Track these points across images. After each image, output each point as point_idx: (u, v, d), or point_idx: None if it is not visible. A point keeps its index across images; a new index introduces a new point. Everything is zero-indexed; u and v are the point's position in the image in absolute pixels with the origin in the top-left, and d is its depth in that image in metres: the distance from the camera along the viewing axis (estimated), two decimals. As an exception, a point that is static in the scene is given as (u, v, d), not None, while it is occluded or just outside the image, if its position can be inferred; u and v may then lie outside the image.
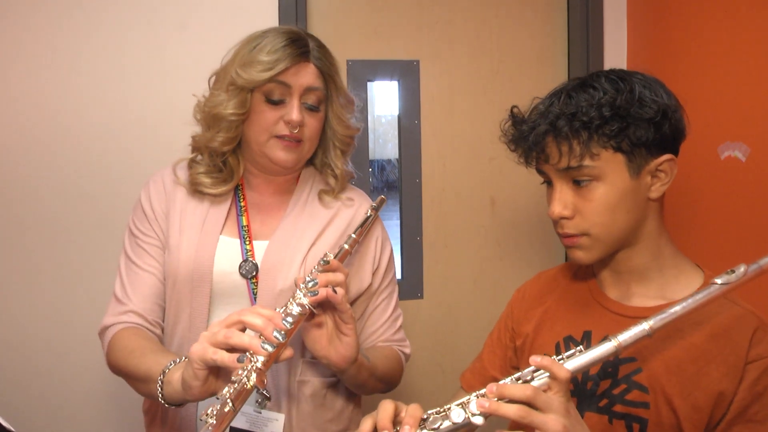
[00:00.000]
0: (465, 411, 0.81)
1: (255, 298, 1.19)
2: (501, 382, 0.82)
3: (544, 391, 0.80)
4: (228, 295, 1.20)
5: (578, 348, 0.84)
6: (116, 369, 1.16)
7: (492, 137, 2.14)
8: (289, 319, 0.98)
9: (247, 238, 1.23)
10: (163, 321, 1.24)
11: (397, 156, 2.12)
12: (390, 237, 1.37)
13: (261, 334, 0.94)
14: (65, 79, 1.84)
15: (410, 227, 2.13)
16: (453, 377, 2.24)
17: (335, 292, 1.03)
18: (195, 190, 1.24)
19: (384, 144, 2.13)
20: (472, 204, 2.18)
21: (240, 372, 0.91)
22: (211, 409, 0.90)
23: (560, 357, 0.83)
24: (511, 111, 1.03)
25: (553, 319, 1.08)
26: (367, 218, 1.20)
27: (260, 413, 1.19)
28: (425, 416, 0.83)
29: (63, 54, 1.84)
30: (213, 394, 0.97)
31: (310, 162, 1.31)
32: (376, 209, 1.22)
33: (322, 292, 1.02)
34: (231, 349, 0.93)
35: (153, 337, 1.19)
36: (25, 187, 1.84)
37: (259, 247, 1.22)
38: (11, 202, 1.84)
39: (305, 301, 1.01)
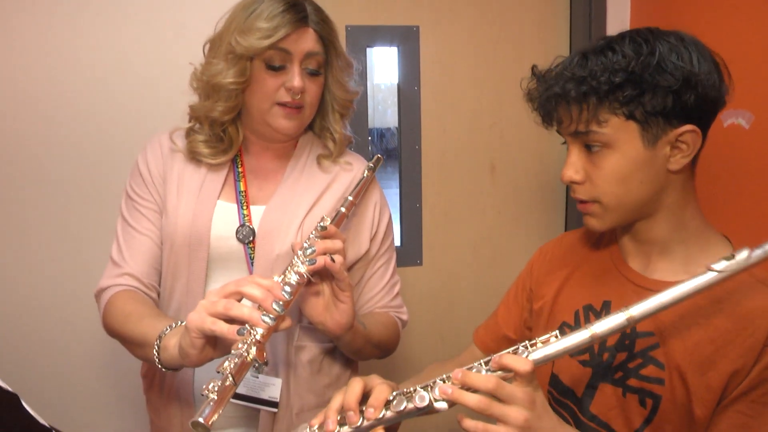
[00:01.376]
0: (429, 395, 0.82)
1: (252, 263, 1.20)
2: (467, 368, 0.82)
3: (513, 374, 0.79)
4: (225, 260, 1.20)
5: (554, 333, 0.82)
6: (112, 332, 1.17)
7: (492, 103, 2.15)
8: (288, 288, 0.98)
9: (245, 203, 1.22)
10: (160, 285, 1.24)
11: (396, 124, 2.11)
12: (389, 204, 1.37)
13: (260, 306, 0.94)
14: (64, 38, 1.81)
15: (410, 194, 2.13)
16: (452, 344, 2.27)
17: (333, 260, 1.04)
18: (193, 157, 1.23)
19: (383, 111, 2.12)
20: (472, 170, 2.17)
21: (240, 345, 0.91)
22: (212, 384, 0.90)
23: (533, 342, 0.82)
24: (532, 69, 0.99)
25: (573, 286, 1.06)
26: (363, 178, 1.20)
27: (257, 378, 1.20)
28: (391, 397, 0.84)
29: (62, 13, 1.80)
30: (209, 360, 0.98)
31: (309, 127, 1.30)
32: (372, 169, 1.23)
33: (320, 261, 1.02)
34: (229, 320, 0.93)
35: (149, 301, 1.19)
36: (22, 147, 1.82)
37: (257, 212, 1.22)
38: (7, 163, 1.82)
39: (303, 269, 1.02)
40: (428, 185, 2.14)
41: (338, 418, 0.85)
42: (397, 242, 2.15)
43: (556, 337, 0.81)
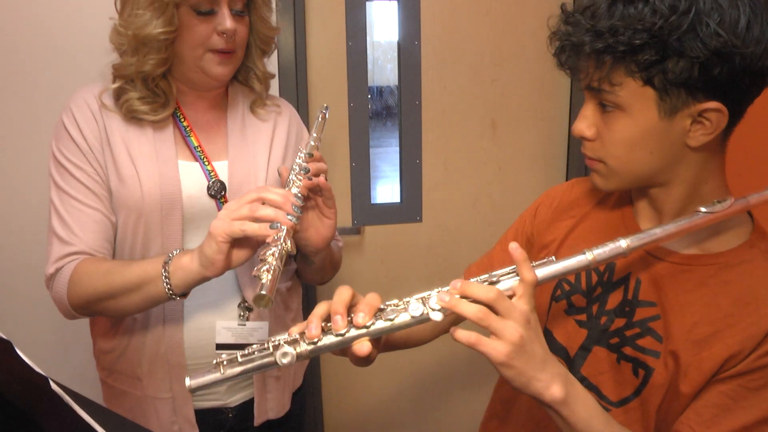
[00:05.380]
0: (424, 306, 0.79)
1: None
2: (467, 281, 0.79)
3: (510, 296, 0.78)
4: (199, 218, 1.21)
5: (550, 258, 0.82)
6: (87, 300, 1.13)
7: (494, 58, 2.12)
8: (298, 198, 1.07)
9: (205, 159, 1.23)
10: (114, 256, 1.21)
11: (396, 81, 2.08)
12: (389, 160, 1.40)
13: (280, 209, 1.02)
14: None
15: (409, 150, 2.12)
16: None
17: (326, 179, 1.14)
18: (132, 117, 1.18)
19: (383, 67, 2.09)
20: (473, 127, 2.16)
21: (275, 237, 0.99)
22: (258, 267, 0.96)
23: (533, 264, 0.81)
24: (562, 8, 0.86)
25: (578, 240, 1.01)
26: (322, 121, 1.28)
27: (245, 325, 1.24)
28: (383, 306, 0.81)
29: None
30: (231, 267, 1.05)
31: None
32: (325, 113, 1.30)
33: (316, 179, 1.12)
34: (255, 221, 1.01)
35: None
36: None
37: (220, 167, 1.23)
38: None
39: (299, 186, 1.10)
40: (428, 142, 2.13)
41: (322, 325, 0.80)
42: (397, 199, 2.15)
43: (552, 260, 0.82)
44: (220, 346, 1.22)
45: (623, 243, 0.81)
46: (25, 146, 1.78)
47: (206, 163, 1.22)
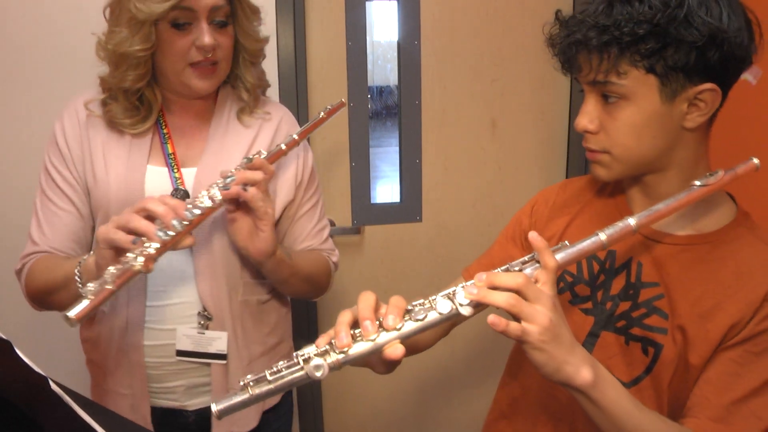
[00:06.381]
0: (452, 302, 0.79)
1: None
2: (491, 272, 0.80)
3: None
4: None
5: (564, 242, 0.84)
6: (37, 294, 1.19)
7: (494, 58, 2.12)
8: (196, 210, 1.05)
9: (175, 166, 1.23)
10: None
11: (395, 80, 2.08)
12: (389, 160, 1.38)
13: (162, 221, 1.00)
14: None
15: (409, 150, 2.12)
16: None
17: (245, 190, 1.10)
18: (114, 126, 1.21)
19: (383, 67, 2.09)
20: (473, 126, 2.16)
21: (129, 255, 0.97)
22: (91, 284, 0.95)
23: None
24: (556, 14, 0.95)
25: (577, 232, 1.05)
26: (317, 118, 1.24)
27: (204, 334, 1.24)
28: (410, 307, 0.80)
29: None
30: None
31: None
32: (329, 111, 1.25)
33: (233, 189, 1.09)
34: (130, 233, 1.00)
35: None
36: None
37: (188, 174, 1.23)
38: None
39: (218, 195, 1.08)
40: (428, 142, 2.13)
41: (351, 332, 0.78)
42: (397, 199, 2.15)
43: (567, 245, 0.84)
44: (180, 353, 1.24)
45: (632, 221, 0.84)
46: (25, 147, 1.79)
47: (175, 170, 1.22)
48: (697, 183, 0.86)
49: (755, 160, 0.86)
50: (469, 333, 2.13)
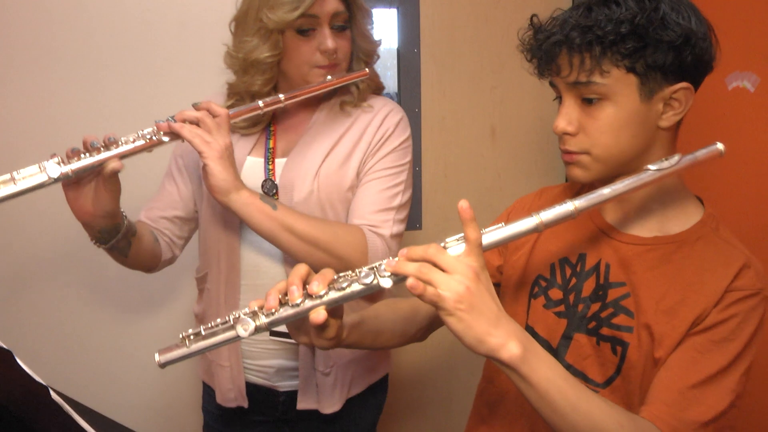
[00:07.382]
0: (375, 274, 0.82)
1: None
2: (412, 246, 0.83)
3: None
4: None
5: (500, 224, 0.86)
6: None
7: (493, 66, 2.12)
8: (130, 138, 1.09)
9: (270, 158, 1.30)
10: (177, 234, 1.40)
11: (395, 87, 2.09)
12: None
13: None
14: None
15: (410, 158, 2.11)
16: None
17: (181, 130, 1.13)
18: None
19: (383, 74, 2.09)
20: (473, 134, 2.16)
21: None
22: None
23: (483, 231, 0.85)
24: (531, 19, 0.98)
25: (550, 239, 1.07)
26: (355, 71, 1.29)
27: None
28: (336, 277, 0.85)
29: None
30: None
31: None
32: (367, 67, 1.31)
33: (163, 125, 1.12)
34: None
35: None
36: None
37: (280, 166, 1.29)
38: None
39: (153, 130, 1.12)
40: (428, 149, 2.13)
41: (280, 297, 0.83)
42: (397, 206, 2.15)
43: (502, 225, 0.85)
44: (274, 333, 1.29)
45: (571, 205, 0.84)
46: (25, 149, 1.79)
47: (270, 162, 1.30)
48: (652, 167, 0.86)
49: (719, 145, 0.87)
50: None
